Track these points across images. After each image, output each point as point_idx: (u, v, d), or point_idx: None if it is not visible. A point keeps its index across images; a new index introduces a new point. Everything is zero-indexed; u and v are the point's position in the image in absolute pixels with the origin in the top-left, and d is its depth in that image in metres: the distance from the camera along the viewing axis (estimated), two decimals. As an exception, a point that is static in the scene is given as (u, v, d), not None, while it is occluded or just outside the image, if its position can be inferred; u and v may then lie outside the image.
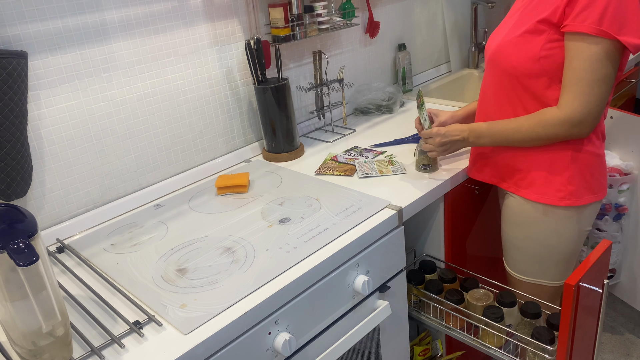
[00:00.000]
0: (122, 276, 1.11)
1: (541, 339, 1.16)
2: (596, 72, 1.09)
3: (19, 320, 0.83)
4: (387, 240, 1.23)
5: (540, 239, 1.29)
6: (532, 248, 1.32)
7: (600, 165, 1.24)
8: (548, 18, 1.12)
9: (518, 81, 1.20)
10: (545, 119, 1.16)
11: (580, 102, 1.11)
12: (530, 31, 1.15)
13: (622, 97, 2.44)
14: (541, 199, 1.25)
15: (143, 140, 1.42)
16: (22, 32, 1.16)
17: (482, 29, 2.48)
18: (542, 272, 1.34)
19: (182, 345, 0.89)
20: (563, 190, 1.22)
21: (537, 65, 1.15)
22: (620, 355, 1.99)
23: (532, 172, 1.25)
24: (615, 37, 1.05)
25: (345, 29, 1.86)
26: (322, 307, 1.11)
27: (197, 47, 1.48)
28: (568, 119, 1.13)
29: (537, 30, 1.14)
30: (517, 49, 1.18)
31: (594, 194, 1.24)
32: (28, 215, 0.84)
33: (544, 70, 1.15)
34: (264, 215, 1.28)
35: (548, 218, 1.26)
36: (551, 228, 1.27)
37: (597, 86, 1.10)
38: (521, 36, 1.17)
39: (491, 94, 1.29)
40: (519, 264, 1.37)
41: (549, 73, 1.15)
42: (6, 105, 1.06)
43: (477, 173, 1.40)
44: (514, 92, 1.22)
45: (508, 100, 1.24)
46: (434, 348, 1.62)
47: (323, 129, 1.83)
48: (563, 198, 1.23)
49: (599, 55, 1.08)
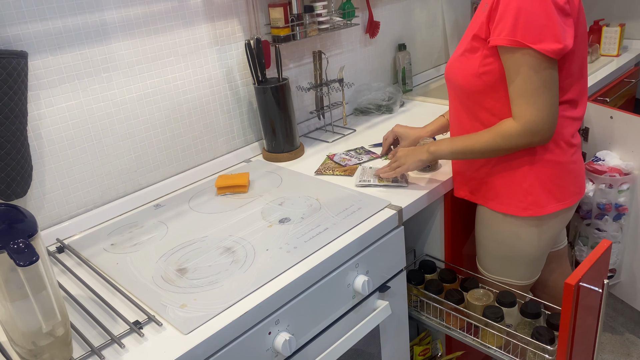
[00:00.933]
0: (122, 276, 1.11)
1: (541, 339, 1.16)
2: (534, 81, 1.08)
3: (19, 320, 0.83)
4: (387, 240, 1.23)
5: (502, 239, 1.31)
6: (496, 248, 1.34)
7: (565, 173, 1.23)
8: (477, 34, 1.14)
9: (469, 98, 1.22)
10: (503, 131, 1.15)
11: (532, 111, 1.11)
12: (468, 50, 1.18)
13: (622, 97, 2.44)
14: (504, 209, 1.26)
15: (143, 140, 1.42)
16: (22, 32, 1.16)
17: (482, 29, 2.48)
18: (506, 271, 1.35)
19: (182, 345, 0.89)
20: (523, 200, 1.23)
21: (480, 81, 1.17)
22: (620, 355, 1.99)
23: (496, 186, 1.27)
24: (530, 46, 1.05)
25: (345, 29, 1.86)
26: (322, 307, 1.11)
27: (197, 47, 1.48)
28: (525, 129, 1.12)
29: (473, 47, 1.16)
30: (461, 68, 1.20)
31: (559, 202, 1.24)
32: (28, 215, 0.84)
33: (487, 85, 1.16)
34: (264, 215, 1.28)
35: (508, 222, 1.28)
36: (512, 231, 1.29)
37: (542, 92, 1.09)
38: (462, 55, 1.20)
39: (453, 113, 1.32)
40: (487, 262, 1.39)
41: (492, 87, 1.16)
42: (6, 105, 1.06)
43: (456, 191, 1.41)
44: (469, 108, 1.24)
45: (466, 117, 1.26)
46: (434, 348, 1.62)
47: (323, 129, 1.83)
48: (525, 209, 1.24)
49: (528, 64, 1.07)
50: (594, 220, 1.86)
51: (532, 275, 1.36)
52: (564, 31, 1.07)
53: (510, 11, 1.05)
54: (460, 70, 1.21)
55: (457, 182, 1.39)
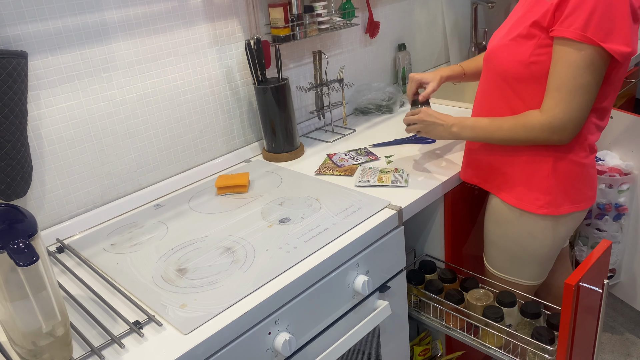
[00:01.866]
0: (122, 276, 1.11)
1: (541, 339, 1.16)
2: (579, 79, 1.07)
3: (19, 320, 0.83)
4: (387, 240, 1.23)
5: (515, 237, 1.30)
6: (507, 246, 1.32)
7: (584, 175, 1.22)
8: (539, 21, 1.11)
9: (508, 84, 1.20)
10: (527, 121, 1.15)
11: (562, 109, 1.10)
12: (523, 35, 1.14)
13: (622, 97, 2.44)
14: (519, 204, 1.25)
15: (143, 140, 1.42)
16: (22, 32, 1.16)
17: (482, 29, 2.48)
18: (515, 270, 1.34)
19: (182, 345, 0.89)
20: (541, 199, 1.22)
21: (527, 70, 1.15)
22: (620, 355, 1.99)
23: (514, 178, 1.25)
24: (600, 44, 1.03)
25: (345, 29, 1.86)
26: (322, 307, 1.11)
27: (197, 47, 1.48)
28: (548, 124, 1.12)
29: (529, 34, 1.13)
30: (509, 53, 1.17)
31: (574, 204, 1.23)
32: (28, 215, 0.84)
33: (533, 75, 1.14)
34: (264, 215, 1.28)
35: (524, 220, 1.26)
36: (526, 230, 1.27)
37: (580, 93, 1.08)
38: (514, 40, 1.16)
39: (484, 94, 1.29)
40: (496, 260, 1.38)
41: (538, 78, 1.14)
42: (6, 105, 1.06)
43: (463, 174, 1.40)
44: (503, 94, 1.22)
45: (498, 101, 1.24)
46: (434, 348, 1.62)
47: (323, 129, 1.83)
48: (541, 207, 1.23)
49: (583, 62, 1.06)
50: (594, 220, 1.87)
51: (541, 275, 1.35)
52: (634, 36, 1.06)
53: (586, 6, 1.03)
54: (508, 54, 1.17)
55: (469, 167, 1.37)
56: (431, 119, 1.32)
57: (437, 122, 1.31)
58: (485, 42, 2.48)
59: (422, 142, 1.63)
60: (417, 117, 1.35)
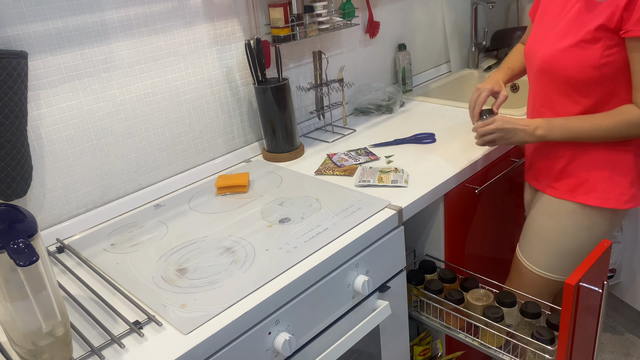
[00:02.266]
0: (122, 276, 1.11)
1: (541, 339, 1.16)
2: None
3: (19, 320, 0.83)
4: (387, 240, 1.23)
5: (571, 232, 1.28)
6: (558, 240, 1.30)
7: None
8: (605, 24, 1.11)
9: (575, 89, 1.19)
10: (629, 118, 1.15)
11: None
12: (587, 40, 1.14)
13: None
14: (605, 203, 1.23)
15: (143, 140, 1.42)
16: (22, 32, 1.16)
17: (482, 29, 2.48)
18: (557, 266, 1.33)
19: (182, 345, 0.89)
20: (626, 193, 1.21)
21: (598, 72, 1.15)
22: (620, 355, 1.99)
23: (592, 177, 1.23)
24: None
25: (345, 29, 1.86)
26: (322, 307, 1.11)
27: (197, 47, 1.48)
28: None
29: (594, 38, 1.13)
30: (575, 59, 1.17)
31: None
32: (28, 215, 0.84)
33: (604, 76, 1.15)
34: (264, 215, 1.28)
35: (584, 215, 1.25)
36: (585, 224, 1.26)
37: None
38: (577, 46, 1.16)
39: (545, 101, 1.27)
40: (537, 254, 1.35)
41: (610, 78, 1.15)
42: (6, 105, 1.06)
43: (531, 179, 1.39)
44: (572, 98, 1.21)
45: (565, 106, 1.22)
46: (434, 348, 1.62)
47: (323, 129, 1.83)
48: (627, 201, 1.22)
49: None
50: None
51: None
52: None
53: None
54: (574, 61, 1.16)
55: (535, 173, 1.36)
56: (510, 125, 1.27)
57: (517, 127, 1.26)
58: (486, 42, 2.49)
59: (422, 142, 1.63)
60: (493, 126, 1.29)
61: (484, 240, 1.64)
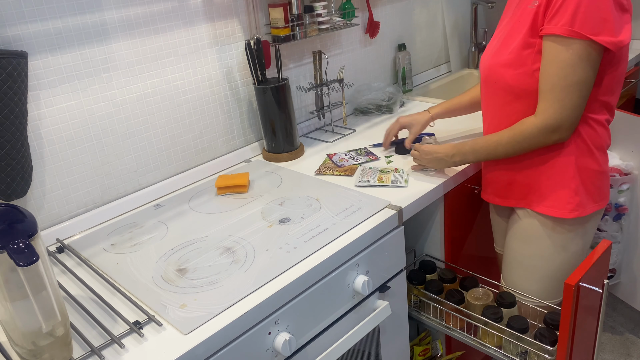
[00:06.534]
0: (122, 276, 1.11)
1: (542, 340, 1.16)
2: (569, 77, 1.07)
3: (19, 320, 0.83)
4: (387, 240, 1.23)
5: (546, 255, 1.27)
6: (537, 265, 1.30)
7: (603, 174, 1.23)
8: (532, 27, 1.11)
9: (517, 97, 1.19)
10: (524, 129, 1.16)
11: (556, 109, 1.10)
12: (520, 46, 1.14)
13: (622, 97, 2.44)
14: (552, 212, 1.23)
15: (143, 140, 1.42)
16: (22, 32, 1.16)
17: (482, 29, 2.49)
18: (542, 291, 1.31)
19: (182, 345, 0.89)
20: (571, 202, 1.20)
21: (532, 79, 1.14)
22: (620, 355, 1.99)
23: (542, 187, 1.23)
24: (589, 38, 1.04)
25: (345, 29, 1.86)
26: (322, 307, 1.11)
27: (197, 47, 1.48)
28: (544, 126, 1.12)
29: (526, 43, 1.13)
30: (510, 66, 1.17)
31: (596, 203, 1.23)
32: (28, 215, 0.84)
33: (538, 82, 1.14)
34: (264, 215, 1.28)
35: (556, 233, 1.25)
36: (559, 243, 1.25)
37: (571, 91, 1.08)
38: (512, 53, 1.16)
39: (492, 113, 1.28)
40: (522, 281, 1.34)
41: None
42: (6, 105, 1.06)
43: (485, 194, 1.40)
44: (515, 108, 1.20)
45: (510, 116, 1.22)
46: (434, 348, 1.62)
47: (323, 129, 1.83)
48: (572, 210, 1.21)
49: (572, 59, 1.06)
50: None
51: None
52: (621, 26, 1.06)
53: (570, 2, 1.04)
54: (510, 69, 1.17)
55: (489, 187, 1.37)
56: (430, 156, 1.34)
57: (437, 156, 1.33)
58: (486, 42, 2.48)
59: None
60: (416, 154, 1.39)
61: (484, 240, 1.64)
